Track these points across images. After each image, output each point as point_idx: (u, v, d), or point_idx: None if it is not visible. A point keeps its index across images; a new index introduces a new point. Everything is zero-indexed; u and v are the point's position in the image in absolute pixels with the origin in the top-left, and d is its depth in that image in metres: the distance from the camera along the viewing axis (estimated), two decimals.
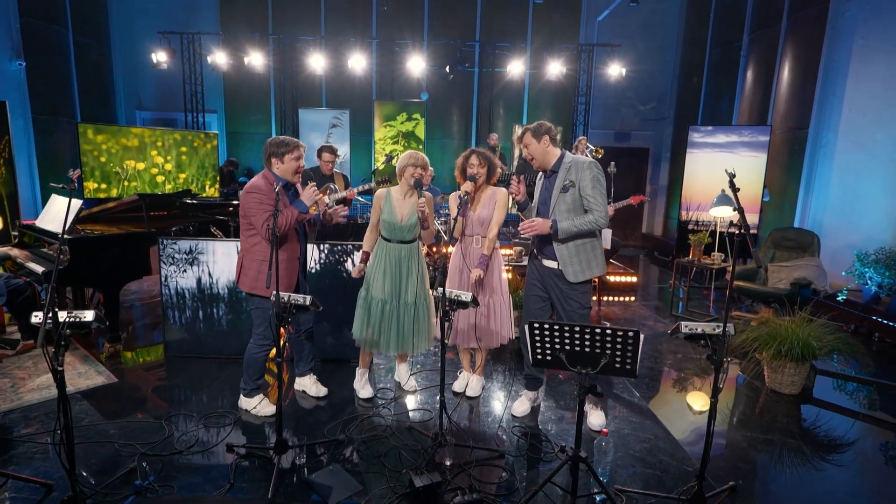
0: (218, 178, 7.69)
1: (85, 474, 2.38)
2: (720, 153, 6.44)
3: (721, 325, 2.16)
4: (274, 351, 2.88)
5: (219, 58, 8.96)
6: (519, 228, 2.74)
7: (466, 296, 2.52)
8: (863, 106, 5.74)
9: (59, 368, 1.95)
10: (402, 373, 3.45)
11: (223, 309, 3.78)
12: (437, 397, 3.28)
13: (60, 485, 2.29)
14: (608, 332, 2.07)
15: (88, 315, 2.04)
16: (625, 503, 2.24)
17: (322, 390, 3.26)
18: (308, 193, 2.77)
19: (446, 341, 2.52)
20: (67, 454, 2.05)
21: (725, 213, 5.71)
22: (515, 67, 9.28)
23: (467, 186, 2.93)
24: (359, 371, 3.33)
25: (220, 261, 3.71)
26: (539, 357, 2.27)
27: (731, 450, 2.83)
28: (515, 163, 8.45)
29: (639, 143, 10.27)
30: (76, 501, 2.09)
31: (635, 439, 2.86)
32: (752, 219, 6.40)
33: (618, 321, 5.10)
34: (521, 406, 3.10)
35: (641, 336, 2.05)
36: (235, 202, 5.51)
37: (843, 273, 5.38)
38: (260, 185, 2.73)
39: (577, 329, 2.11)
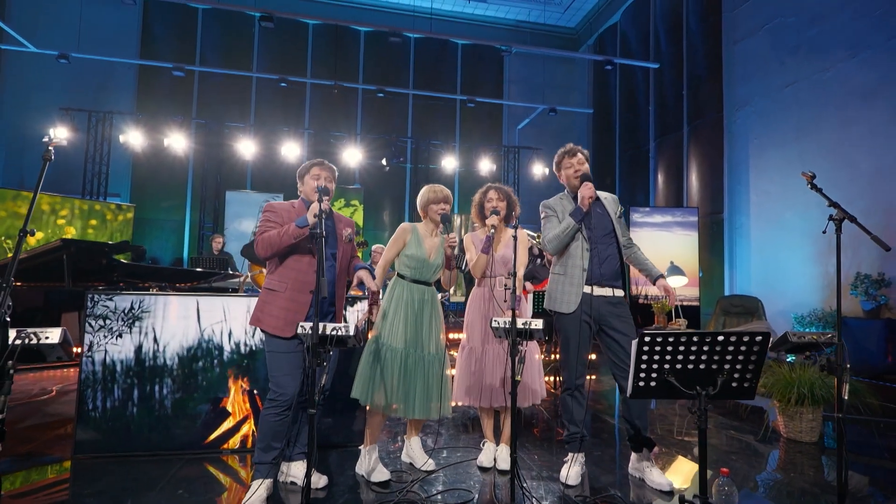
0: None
1: None
2: (659, 231, 6.96)
3: (830, 333, 2.03)
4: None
5: (133, 138, 8.24)
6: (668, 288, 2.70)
7: (537, 323, 2.14)
8: (766, 192, 6.62)
9: (0, 416, 1.20)
10: (416, 450, 2.78)
11: (169, 385, 2.89)
12: (466, 475, 2.69)
13: None
14: (732, 338, 1.81)
15: (54, 335, 1.34)
16: None
17: (322, 479, 2.48)
18: (313, 207, 2.28)
19: (518, 378, 2.06)
20: None
21: (678, 283, 5.99)
22: (448, 164, 9.67)
23: (493, 220, 2.69)
24: (365, 449, 2.63)
25: (173, 321, 2.92)
26: (642, 384, 1.91)
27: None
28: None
29: None
30: None
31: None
32: (693, 292, 6.79)
33: (592, 392, 4.82)
34: (574, 470, 2.59)
35: (771, 338, 1.82)
36: (195, 276, 4.61)
37: None
38: (275, 203, 2.41)
39: (697, 337, 1.82)
